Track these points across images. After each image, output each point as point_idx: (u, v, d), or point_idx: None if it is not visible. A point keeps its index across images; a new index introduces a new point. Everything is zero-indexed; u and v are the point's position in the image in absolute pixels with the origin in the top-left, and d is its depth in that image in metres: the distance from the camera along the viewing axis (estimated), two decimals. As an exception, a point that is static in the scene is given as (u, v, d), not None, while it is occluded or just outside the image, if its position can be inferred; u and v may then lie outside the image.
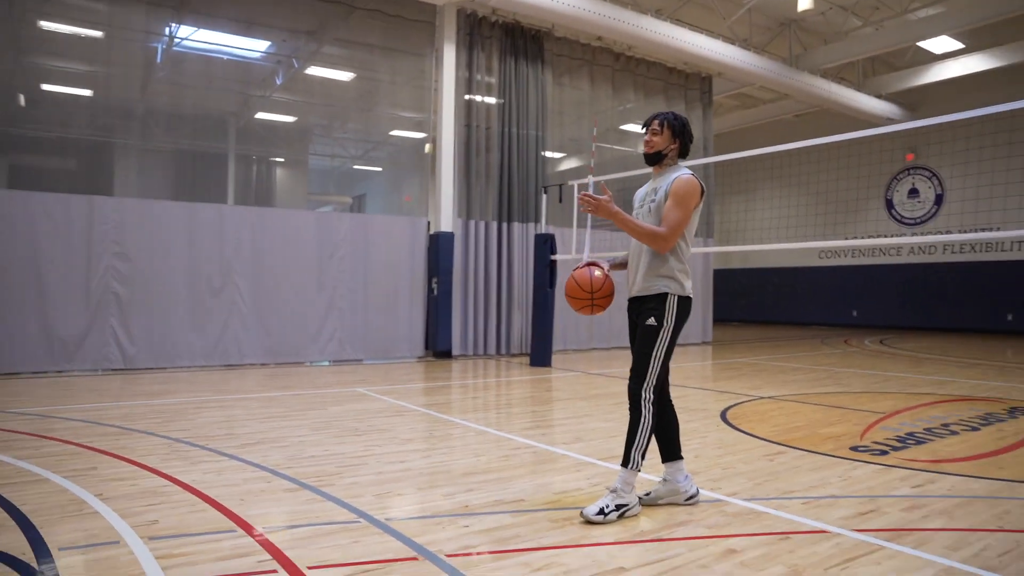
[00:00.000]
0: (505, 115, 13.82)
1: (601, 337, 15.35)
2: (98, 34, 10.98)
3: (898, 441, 6.01)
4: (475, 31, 13.56)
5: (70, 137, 10.66)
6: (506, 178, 13.82)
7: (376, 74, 13.39)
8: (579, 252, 12.27)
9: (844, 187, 23.43)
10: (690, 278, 4.08)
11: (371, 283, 12.59)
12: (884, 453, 5.58)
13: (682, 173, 4.03)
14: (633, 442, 3.95)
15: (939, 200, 21.29)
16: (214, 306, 11.19)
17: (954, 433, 6.39)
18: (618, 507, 3.89)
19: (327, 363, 12.05)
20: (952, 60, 18.76)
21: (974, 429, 6.57)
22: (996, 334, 19.76)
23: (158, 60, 11.52)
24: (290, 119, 13.19)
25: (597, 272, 4.34)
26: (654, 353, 3.97)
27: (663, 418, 4.18)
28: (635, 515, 3.94)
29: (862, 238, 22.27)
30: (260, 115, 12.83)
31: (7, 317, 9.76)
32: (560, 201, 13.23)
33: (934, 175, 21.38)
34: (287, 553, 3.32)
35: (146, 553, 3.31)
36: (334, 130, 13.72)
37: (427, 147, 13.68)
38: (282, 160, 13.11)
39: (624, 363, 12.61)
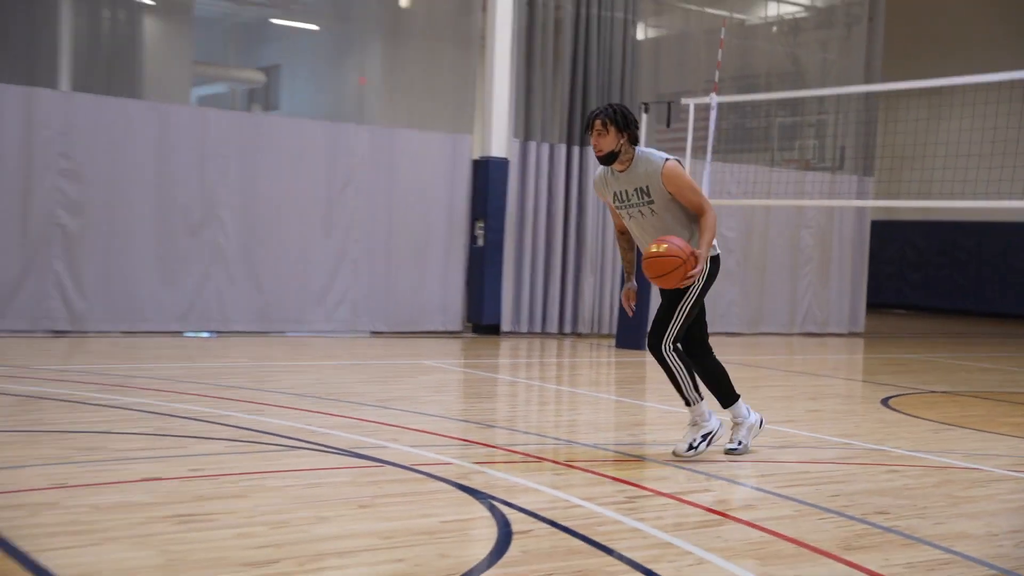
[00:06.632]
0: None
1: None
2: None
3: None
4: None
5: None
6: (581, 83, 10.03)
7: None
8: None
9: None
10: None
11: (396, 227, 9.16)
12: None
13: (659, 164, 4.33)
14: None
15: None
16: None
17: None
18: (704, 436, 4.55)
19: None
20: None
21: None
22: None
23: None
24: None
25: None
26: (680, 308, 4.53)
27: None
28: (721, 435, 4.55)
29: None
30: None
31: None
32: (668, 125, 9.48)
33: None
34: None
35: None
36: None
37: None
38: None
39: (729, 345, 9.44)
